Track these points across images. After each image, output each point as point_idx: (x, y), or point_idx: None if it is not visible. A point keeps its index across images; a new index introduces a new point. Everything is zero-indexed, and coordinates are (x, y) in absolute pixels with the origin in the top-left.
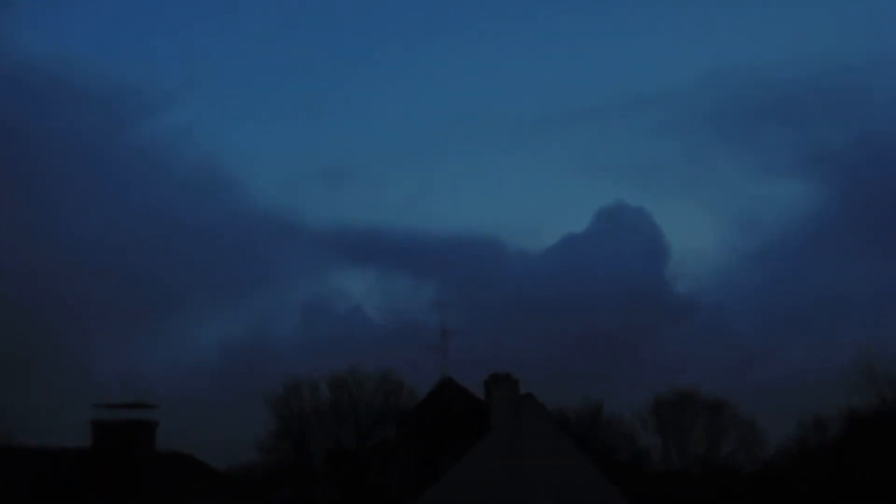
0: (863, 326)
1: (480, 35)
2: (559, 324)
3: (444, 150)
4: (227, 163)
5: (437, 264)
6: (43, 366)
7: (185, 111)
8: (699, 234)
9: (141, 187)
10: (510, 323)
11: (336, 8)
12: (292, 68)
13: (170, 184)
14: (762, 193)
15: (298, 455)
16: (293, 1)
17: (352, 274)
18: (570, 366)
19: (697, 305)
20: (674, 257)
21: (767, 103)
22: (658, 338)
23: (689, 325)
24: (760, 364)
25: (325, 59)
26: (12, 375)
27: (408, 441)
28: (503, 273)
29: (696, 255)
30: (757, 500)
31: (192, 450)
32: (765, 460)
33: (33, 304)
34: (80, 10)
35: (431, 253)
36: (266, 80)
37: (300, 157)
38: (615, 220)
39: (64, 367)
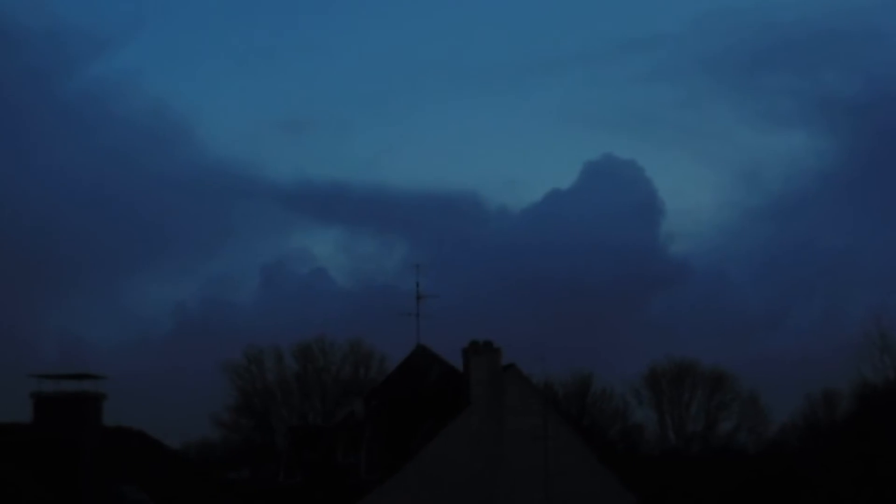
0: (876, 291)
1: None
2: (544, 288)
3: (415, 98)
4: (179, 110)
5: (409, 223)
6: None
7: (132, 53)
8: (696, 190)
9: (84, 135)
10: (490, 287)
11: None
12: (250, 8)
13: (115, 131)
14: (764, 145)
15: (260, 432)
16: None
17: (315, 233)
18: (557, 334)
19: (694, 269)
20: (668, 216)
21: (768, 46)
22: (652, 304)
23: (686, 290)
24: (764, 333)
25: None
26: None
27: (377, 416)
28: (482, 233)
29: (692, 214)
30: (761, 482)
31: (143, 425)
32: (769, 439)
33: None
34: None
35: (402, 211)
36: (221, 21)
37: (258, 104)
38: (604, 175)
39: None
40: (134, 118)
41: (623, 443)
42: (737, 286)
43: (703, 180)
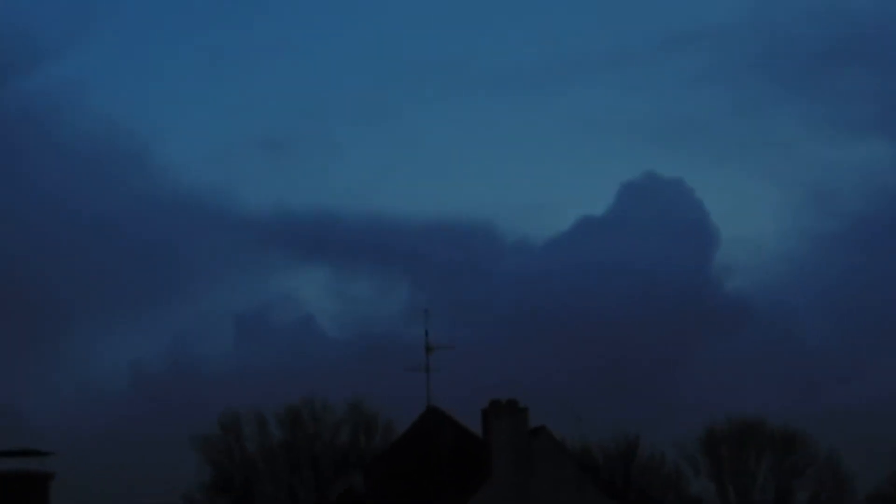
0: None
1: None
2: (576, 335)
3: (417, 110)
4: (132, 130)
5: (412, 260)
6: None
7: (74, 63)
8: (756, 213)
9: (14, 163)
10: (512, 335)
11: None
12: (216, 7)
13: (55, 157)
14: (838, 158)
15: None
16: None
17: (300, 273)
18: (594, 390)
19: (756, 309)
20: (723, 245)
21: (839, 40)
22: (706, 352)
23: (747, 334)
24: (842, 384)
25: None
26: None
27: (381, 492)
28: (499, 269)
29: (752, 242)
30: None
31: None
32: None
33: None
34: None
35: (404, 245)
36: (182, 22)
37: (228, 122)
38: (645, 198)
39: None
40: (77, 141)
41: None
42: (808, 329)
43: (764, 202)
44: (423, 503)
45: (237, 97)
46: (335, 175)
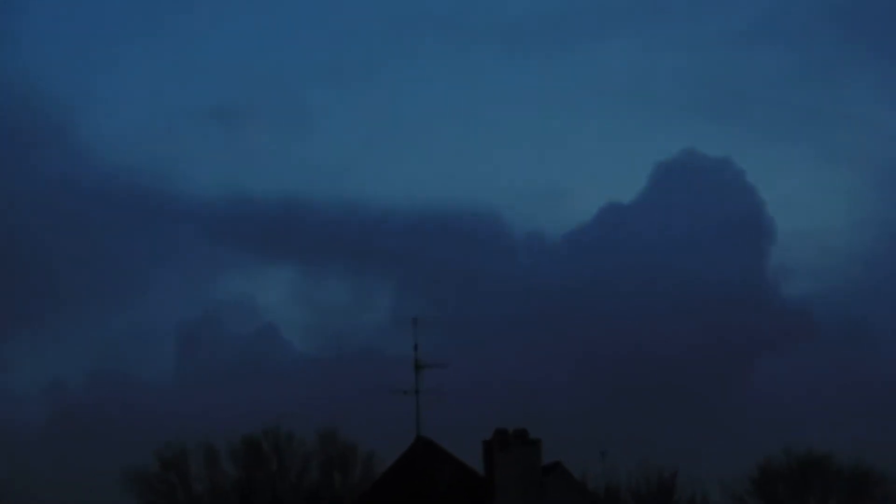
0: None
1: None
2: (600, 351)
3: (403, 73)
4: (53, 97)
5: (397, 258)
6: None
7: None
8: (822, 202)
9: None
10: (522, 351)
11: None
12: None
13: None
14: None
15: None
16: None
17: (259, 273)
18: (622, 418)
19: (821, 319)
20: (781, 241)
21: None
22: (761, 371)
23: (810, 349)
24: None
25: None
26: None
27: None
28: (506, 269)
29: (816, 237)
30: None
31: None
32: None
33: None
34: None
35: (387, 240)
36: None
37: (170, 87)
38: (684, 182)
39: None
40: None
41: None
42: (885, 344)
43: (832, 189)
44: None
45: (180, 58)
46: (302, 153)
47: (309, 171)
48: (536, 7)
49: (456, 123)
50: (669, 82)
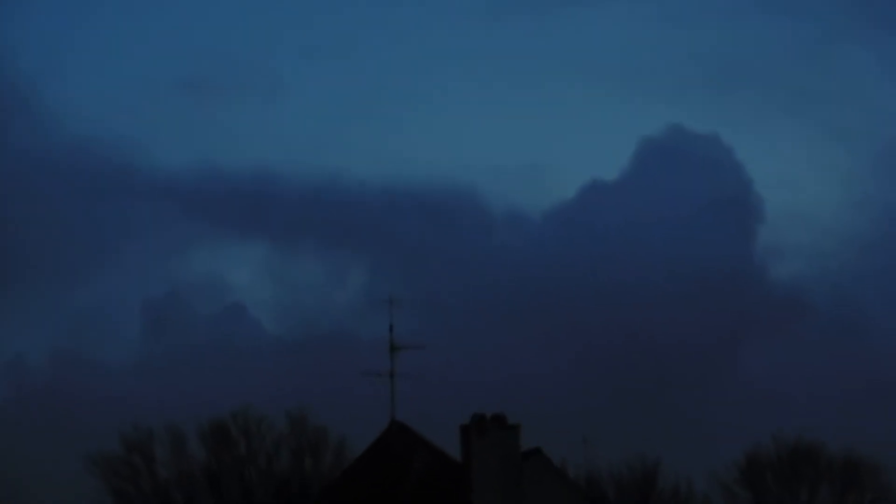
0: None
1: None
2: (582, 333)
3: (381, 44)
4: (20, 70)
5: (372, 235)
6: None
7: None
8: (814, 181)
9: None
10: (500, 332)
11: None
12: None
13: None
14: None
15: None
16: None
17: (229, 250)
18: (604, 403)
19: (812, 302)
20: (770, 221)
21: None
22: (748, 355)
23: (800, 333)
24: None
25: None
26: None
27: None
28: (484, 249)
29: (808, 218)
30: None
31: None
32: None
33: None
34: None
35: (361, 216)
36: None
37: (139, 57)
38: (669, 159)
39: None
40: None
41: None
42: (878, 327)
43: (824, 167)
44: None
45: (150, 28)
46: (275, 126)
47: (282, 145)
48: None
49: (434, 98)
50: (655, 56)
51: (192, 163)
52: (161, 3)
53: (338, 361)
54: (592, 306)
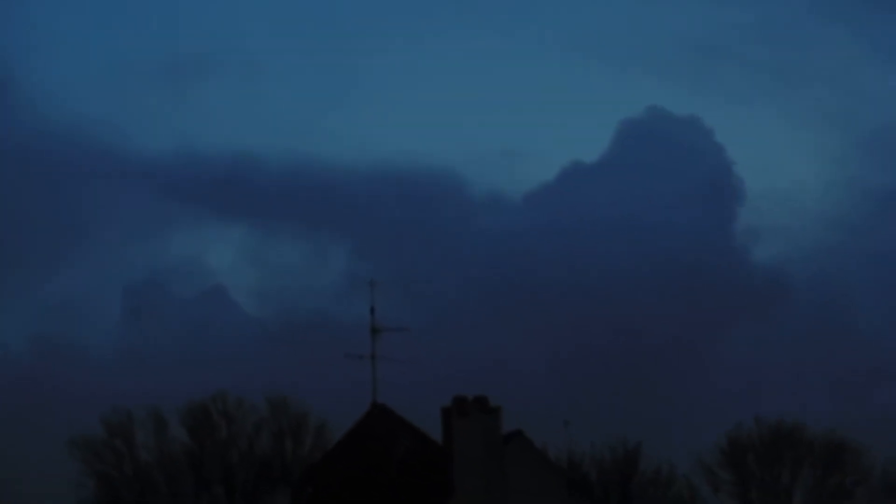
0: None
1: None
2: (562, 316)
3: (361, 28)
4: None
5: (352, 219)
6: None
7: None
8: (793, 162)
9: None
10: (481, 315)
11: None
12: None
13: None
14: None
15: None
16: None
17: (209, 233)
18: (585, 385)
19: (792, 284)
20: (751, 202)
21: None
22: (729, 337)
23: (780, 315)
24: None
25: None
26: None
27: None
28: (465, 231)
29: (787, 199)
30: None
31: None
32: None
33: None
34: None
35: (342, 199)
36: None
37: (118, 39)
38: (649, 141)
39: None
40: None
41: None
42: (858, 309)
43: (804, 149)
44: None
45: (130, 9)
46: (254, 109)
47: (262, 127)
48: None
49: (413, 80)
50: (635, 37)
51: (171, 146)
52: None
53: (319, 344)
54: (573, 288)
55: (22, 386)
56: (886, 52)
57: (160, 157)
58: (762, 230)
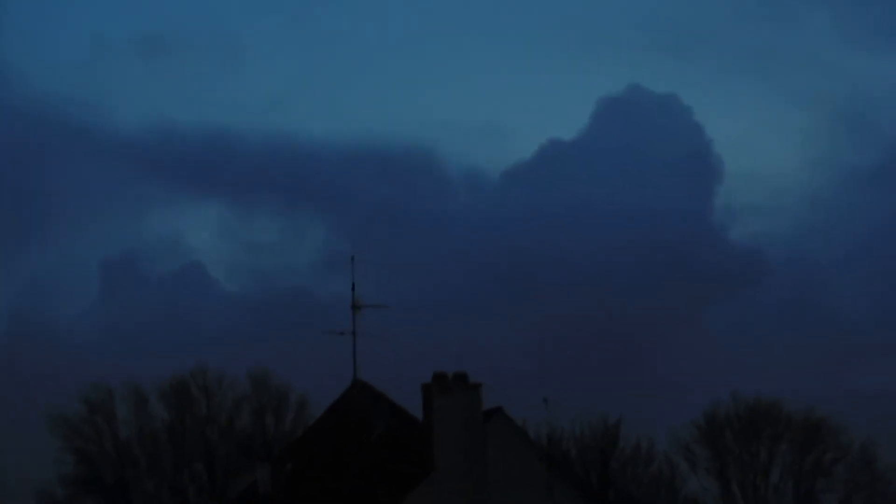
0: None
1: None
2: (541, 294)
3: (337, 6)
4: None
5: (330, 196)
6: None
7: None
8: (772, 141)
9: None
10: (460, 292)
11: None
12: None
13: None
14: (878, 72)
15: None
16: None
17: (186, 209)
18: (565, 363)
19: (771, 263)
20: (729, 181)
21: None
22: (707, 316)
23: (758, 294)
24: (880, 359)
25: None
26: None
27: (295, 488)
28: (443, 208)
29: (767, 178)
30: None
31: None
32: None
33: None
34: None
35: (320, 175)
36: None
37: (95, 15)
38: (628, 119)
39: None
40: None
41: None
42: (836, 289)
43: (783, 128)
44: (350, 501)
45: None
46: (232, 85)
47: (239, 104)
48: None
49: (391, 56)
50: (614, 14)
51: (148, 122)
52: None
53: (298, 320)
54: (551, 266)
55: (0, 362)
56: (865, 32)
57: (137, 134)
58: (740, 209)
